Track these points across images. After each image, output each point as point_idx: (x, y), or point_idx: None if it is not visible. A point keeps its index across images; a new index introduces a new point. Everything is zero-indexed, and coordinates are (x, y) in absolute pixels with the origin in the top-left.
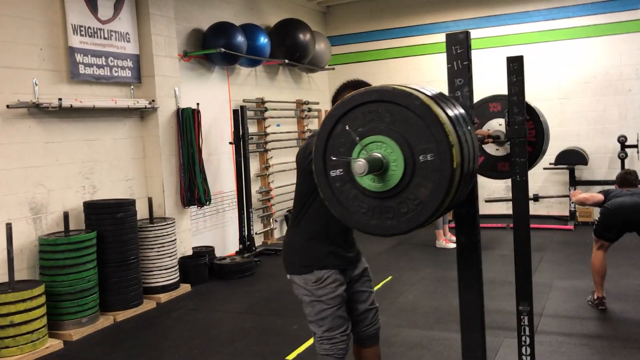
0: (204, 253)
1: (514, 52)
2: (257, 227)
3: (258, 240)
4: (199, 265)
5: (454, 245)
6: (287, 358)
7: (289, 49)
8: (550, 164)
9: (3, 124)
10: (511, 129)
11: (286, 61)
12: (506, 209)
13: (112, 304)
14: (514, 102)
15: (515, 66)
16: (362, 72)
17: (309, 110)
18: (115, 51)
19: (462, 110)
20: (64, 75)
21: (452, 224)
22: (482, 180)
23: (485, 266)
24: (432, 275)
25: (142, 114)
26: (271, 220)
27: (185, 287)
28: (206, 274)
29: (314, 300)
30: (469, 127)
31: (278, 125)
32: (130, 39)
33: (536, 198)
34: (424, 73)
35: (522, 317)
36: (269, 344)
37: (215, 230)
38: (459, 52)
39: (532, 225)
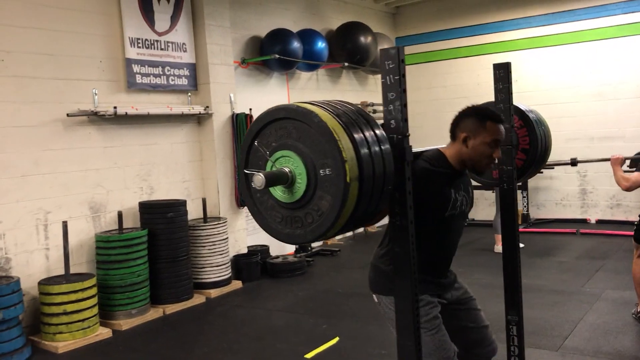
0: (257, 252)
1: (590, 48)
2: None
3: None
4: (251, 263)
5: None
6: (305, 356)
7: (349, 52)
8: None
9: (64, 130)
10: None
11: (345, 64)
12: (580, 213)
13: (162, 298)
14: (501, 110)
15: (502, 73)
16: (432, 72)
17: (374, 112)
18: (172, 61)
19: (374, 130)
20: (122, 85)
21: (522, 228)
22: (554, 183)
23: (534, 272)
24: (478, 281)
25: (199, 120)
26: None
27: (237, 284)
28: (258, 272)
29: None
30: (382, 146)
31: None
32: (186, 49)
33: (574, 162)
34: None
35: (510, 326)
36: (293, 342)
37: None
38: (391, 67)
39: (603, 232)
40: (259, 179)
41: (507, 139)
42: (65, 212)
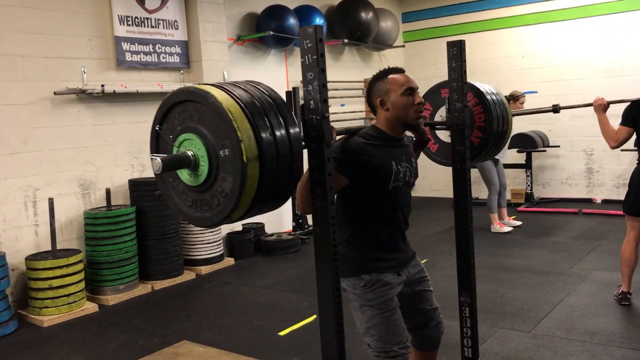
0: (251, 229)
1: (598, 23)
2: None
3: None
4: (244, 240)
5: (508, 229)
6: (279, 333)
7: (349, 28)
8: None
9: (53, 108)
10: (451, 116)
11: (345, 41)
12: (586, 193)
13: (151, 274)
14: (454, 89)
15: (455, 51)
16: (439, 48)
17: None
18: (163, 38)
19: (280, 111)
20: (111, 63)
21: (524, 207)
22: (560, 162)
23: (525, 252)
24: None
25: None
26: None
27: (229, 261)
28: (251, 249)
29: (363, 305)
30: (289, 127)
31: (342, 105)
32: (178, 27)
33: (556, 109)
34: (503, 47)
35: (463, 308)
36: (271, 319)
37: None
38: (309, 46)
39: (606, 212)
40: (156, 163)
41: (460, 119)
42: (54, 189)
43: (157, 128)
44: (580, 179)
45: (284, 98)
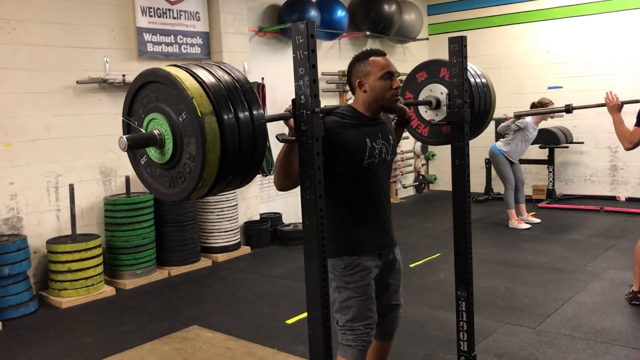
0: (268, 219)
1: (628, 16)
2: None
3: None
4: (261, 230)
5: (526, 226)
6: (287, 322)
7: (372, 20)
8: None
9: (75, 97)
10: (451, 112)
11: (367, 33)
12: (609, 190)
13: (168, 260)
14: (454, 85)
15: (456, 47)
16: None
17: (401, 81)
18: (185, 29)
19: (228, 70)
20: (133, 53)
21: (544, 203)
22: (584, 159)
23: (540, 249)
24: (482, 256)
25: None
26: None
27: (245, 250)
28: (268, 238)
29: (342, 286)
30: (236, 82)
31: None
32: (199, 18)
33: (569, 109)
34: (529, 41)
35: (460, 302)
36: (280, 308)
37: (289, 198)
38: (301, 42)
39: (628, 210)
40: (122, 142)
41: (460, 115)
42: (76, 176)
43: (122, 118)
44: (604, 176)
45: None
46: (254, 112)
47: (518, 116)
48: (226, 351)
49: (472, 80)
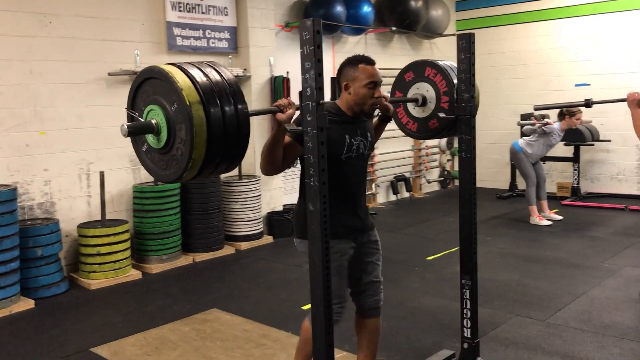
0: (291, 209)
1: None
2: None
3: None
4: (283, 220)
5: (547, 223)
6: (302, 307)
7: (399, 16)
8: None
9: (107, 88)
10: (458, 106)
11: (393, 29)
12: (637, 189)
13: (193, 247)
14: (462, 80)
15: (464, 44)
16: (490, 37)
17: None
18: (213, 24)
19: (214, 67)
20: (163, 47)
21: (568, 201)
22: (611, 157)
23: (559, 245)
24: (500, 251)
25: (239, 81)
26: (373, 185)
27: (268, 239)
28: (290, 228)
29: None
30: (222, 75)
31: (388, 92)
32: (227, 13)
33: (588, 104)
34: (556, 38)
35: (464, 290)
36: (296, 294)
37: None
38: (307, 37)
39: None
40: (123, 129)
41: (467, 109)
42: (106, 164)
43: (125, 109)
44: (632, 175)
45: (330, 84)
46: (239, 106)
47: (542, 118)
48: (243, 333)
49: (454, 78)
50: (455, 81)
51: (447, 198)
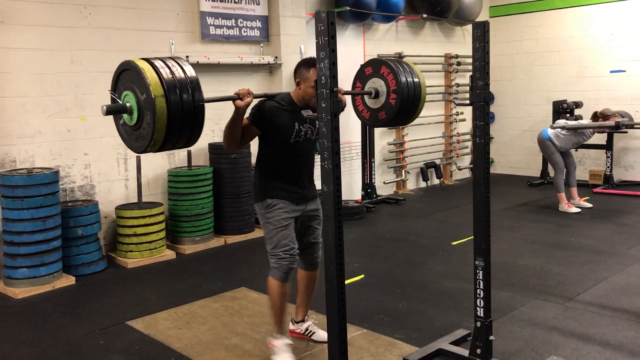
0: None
1: None
2: (389, 177)
3: (389, 190)
4: None
5: (576, 210)
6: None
7: (430, 3)
8: None
9: None
10: (473, 93)
11: (424, 16)
12: None
13: (225, 229)
14: (477, 68)
15: (479, 32)
16: (524, 24)
17: (459, 64)
18: (245, 13)
19: (179, 64)
20: (197, 36)
21: (600, 189)
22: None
23: (586, 232)
24: (526, 237)
25: (271, 69)
26: (403, 172)
27: None
28: None
29: (265, 222)
30: (185, 71)
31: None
32: (259, 2)
33: (618, 126)
34: (591, 24)
35: (477, 271)
36: (321, 275)
37: (343, 176)
38: (322, 29)
39: None
40: (102, 109)
41: (481, 96)
42: None
43: (108, 91)
44: None
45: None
46: (196, 96)
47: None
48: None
49: (403, 78)
50: (404, 80)
51: None
